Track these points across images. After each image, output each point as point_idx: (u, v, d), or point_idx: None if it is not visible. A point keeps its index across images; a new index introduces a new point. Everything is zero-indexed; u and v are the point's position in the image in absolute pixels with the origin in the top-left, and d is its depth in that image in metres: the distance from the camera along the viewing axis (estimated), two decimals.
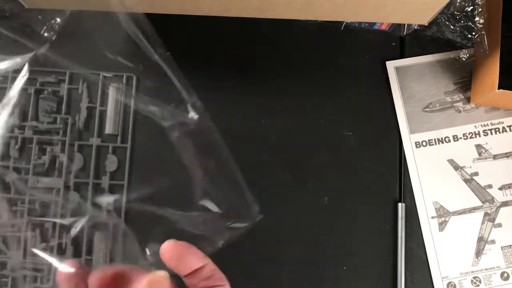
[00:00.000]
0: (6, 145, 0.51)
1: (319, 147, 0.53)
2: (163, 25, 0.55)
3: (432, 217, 0.52)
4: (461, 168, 0.53)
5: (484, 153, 0.53)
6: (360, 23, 0.54)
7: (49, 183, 0.50)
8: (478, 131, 0.54)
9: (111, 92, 0.53)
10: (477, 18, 0.51)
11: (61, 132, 0.51)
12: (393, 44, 0.56)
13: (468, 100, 0.54)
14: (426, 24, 0.50)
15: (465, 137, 0.54)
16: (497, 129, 0.54)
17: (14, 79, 0.52)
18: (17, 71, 0.52)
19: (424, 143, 0.54)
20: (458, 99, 0.55)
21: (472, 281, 0.51)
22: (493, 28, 0.50)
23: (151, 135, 0.53)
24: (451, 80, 0.55)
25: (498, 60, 0.48)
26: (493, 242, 0.51)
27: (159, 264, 0.29)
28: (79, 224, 0.48)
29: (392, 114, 0.54)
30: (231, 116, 0.53)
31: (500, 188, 0.53)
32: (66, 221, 0.46)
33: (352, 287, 0.51)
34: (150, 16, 0.52)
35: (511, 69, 0.50)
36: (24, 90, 0.52)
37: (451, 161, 0.53)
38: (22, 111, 0.52)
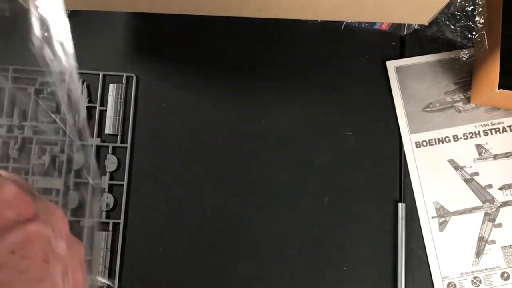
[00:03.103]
0: (5, 145, 0.51)
1: (319, 147, 0.53)
2: (160, 25, 0.55)
3: (432, 217, 0.52)
4: (461, 168, 0.53)
5: (484, 153, 0.53)
6: (360, 23, 0.54)
7: (49, 183, 0.50)
8: (478, 131, 0.54)
9: (111, 92, 0.53)
10: (477, 18, 0.51)
11: (61, 132, 0.51)
12: (393, 44, 0.56)
13: (468, 100, 0.54)
14: (426, 24, 0.50)
15: (465, 137, 0.54)
16: (497, 129, 0.54)
17: (15, 78, 0.52)
18: (16, 71, 0.53)
19: (424, 143, 0.53)
20: (458, 99, 0.55)
21: (472, 281, 0.51)
22: (494, 28, 0.50)
23: (151, 135, 0.53)
24: (451, 80, 0.55)
25: (499, 60, 0.48)
26: (493, 242, 0.51)
27: None
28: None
29: (392, 114, 0.54)
30: (231, 116, 0.53)
31: (500, 188, 0.53)
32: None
33: (352, 287, 0.51)
34: (147, 16, 0.52)
35: None
36: (23, 90, 0.52)
37: (451, 161, 0.53)
38: (22, 111, 0.52)
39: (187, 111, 0.53)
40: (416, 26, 0.53)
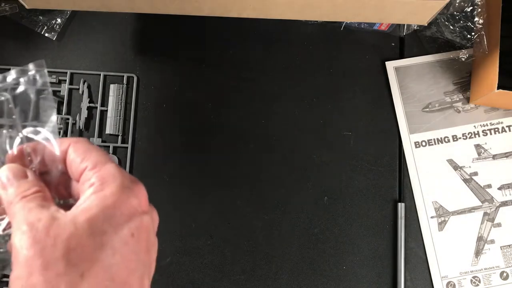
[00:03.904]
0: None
1: (319, 147, 0.53)
2: (160, 25, 0.55)
3: (432, 217, 0.52)
4: (461, 168, 0.53)
5: (483, 153, 0.54)
6: (359, 23, 0.54)
7: None
8: (478, 131, 0.54)
9: (112, 92, 0.53)
10: (476, 19, 0.51)
11: (61, 132, 0.52)
12: (393, 44, 0.56)
13: (467, 100, 0.55)
14: (426, 25, 0.50)
15: (465, 137, 0.54)
16: (496, 129, 0.54)
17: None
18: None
19: (423, 143, 0.54)
20: (458, 99, 0.55)
21: (471, 280, 0.51)
22: (493, 29, 0.50)
23: (151, 135, 0.53)
24: (451, 80, 0.55)
25: (498, 60, 0.48)
26: (492, 241, 0.52)
27: None
28: None
29: (391, 114, 0.54)
30: (231, 116, 0.54)
31: (499, 188, 0.53)
32: None
33: (352, 286, 0.51)
34: (147, 16, 0.53)
35: (510, 69, 0.50)
36: (25, 90, 0.52)
37: (450, 161, 0.53)
38: (23, 111, 0.52)
39: (187, 111, 0.53)
40: (415, 27, 0.53)
